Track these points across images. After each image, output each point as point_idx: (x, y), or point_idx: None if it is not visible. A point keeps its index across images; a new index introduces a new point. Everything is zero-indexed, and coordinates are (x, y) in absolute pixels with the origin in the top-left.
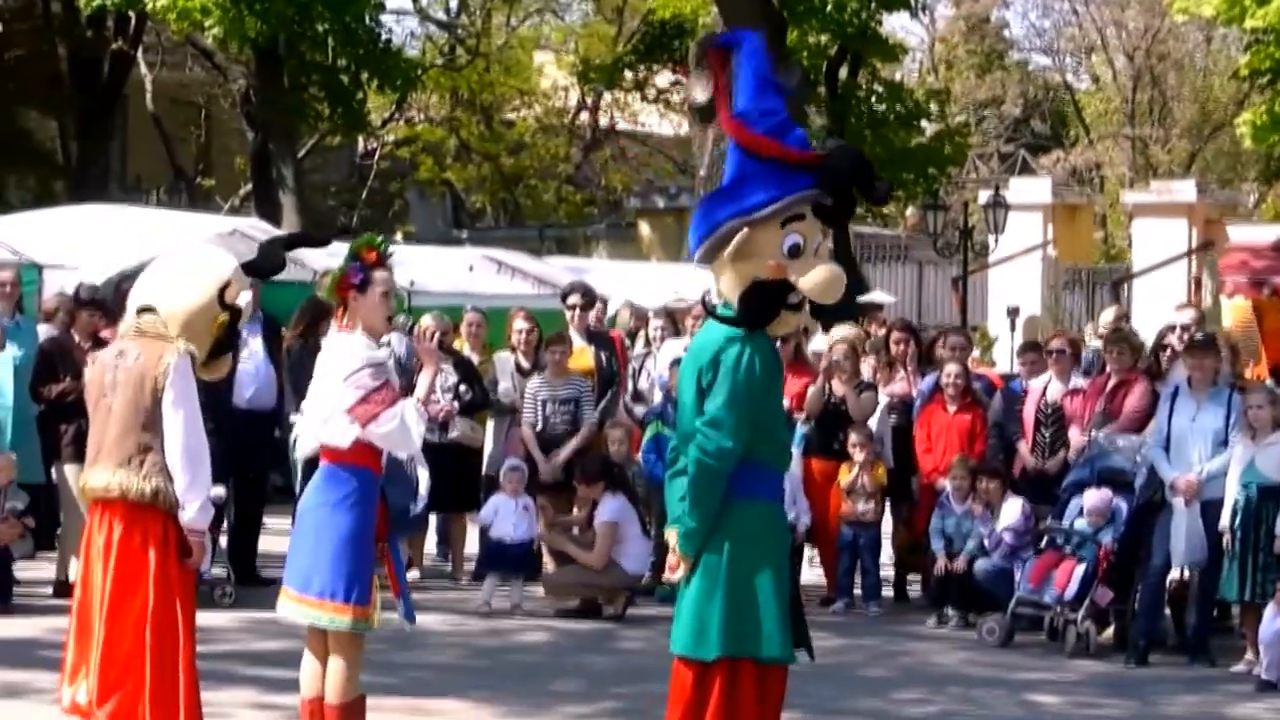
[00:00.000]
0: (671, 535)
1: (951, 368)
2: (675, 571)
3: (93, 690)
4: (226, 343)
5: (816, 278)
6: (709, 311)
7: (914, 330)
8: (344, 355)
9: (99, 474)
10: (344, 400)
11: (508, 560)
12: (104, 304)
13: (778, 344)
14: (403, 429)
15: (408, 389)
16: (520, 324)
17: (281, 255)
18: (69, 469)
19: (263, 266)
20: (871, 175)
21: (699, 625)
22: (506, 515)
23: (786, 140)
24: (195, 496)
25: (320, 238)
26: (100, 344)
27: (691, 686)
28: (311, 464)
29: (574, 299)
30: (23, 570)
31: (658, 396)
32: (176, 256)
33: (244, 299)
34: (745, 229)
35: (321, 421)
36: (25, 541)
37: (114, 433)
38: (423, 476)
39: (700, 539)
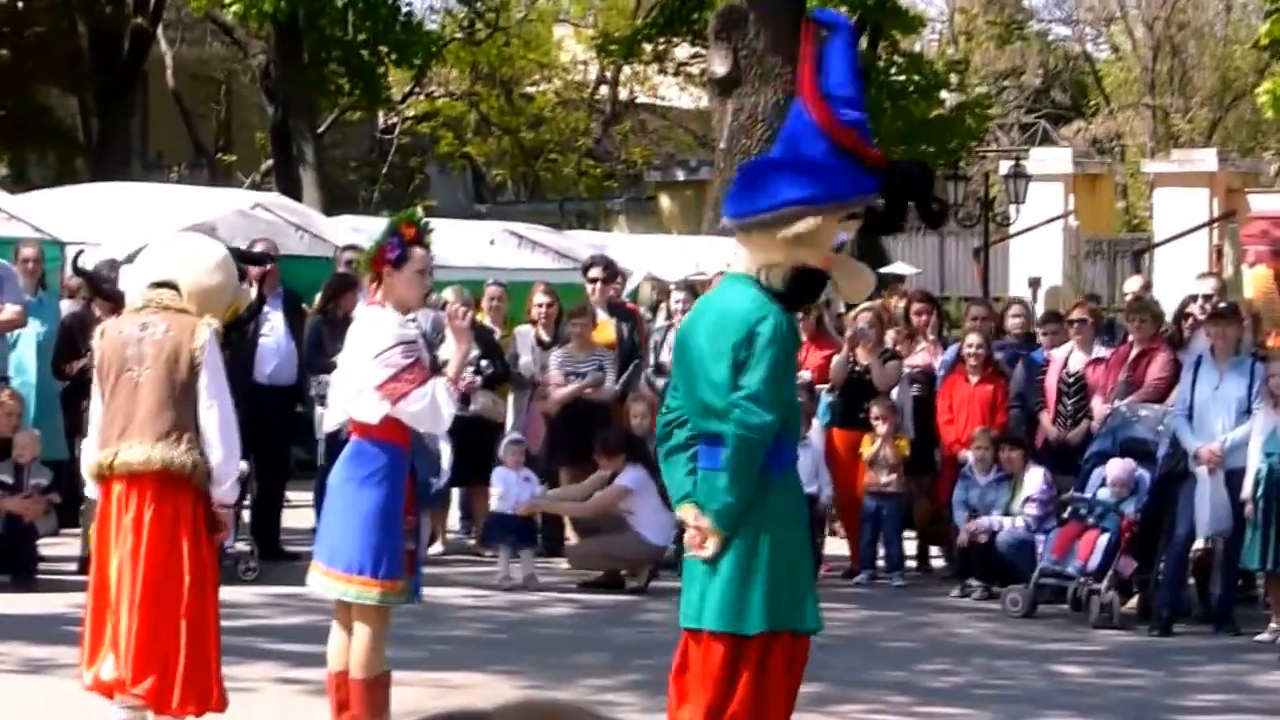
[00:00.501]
0: (689, 513)
1: (972, 338)
2: (702, 548)
3: (125, 669)
4: (232, 328)
5: (858, 284)
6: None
7: (934, 300)
8: (375, 331)
9: (135, 449)
10: (374, 377)
11: (511, 532)
12: (94, 276)
13: (799, 315)
14: (433, 408)
15: (432, 365)
16: (540, 298)
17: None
18: None
19: None
20: (931, 193)
21: (738, 600)
22: (509, 487)
23: (864, 137)
24: (229, 472)
25: (258, 255)
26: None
27: (723, 661)
28: (335, 438)
29: (595, 272)
30: (46, 547)
31: None
32: (186, 238)
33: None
34: (820, 218)
35: (351, 396)
36: (49, 518)
37: (147, 407)
38: (445, 452)
39: (738, 515)
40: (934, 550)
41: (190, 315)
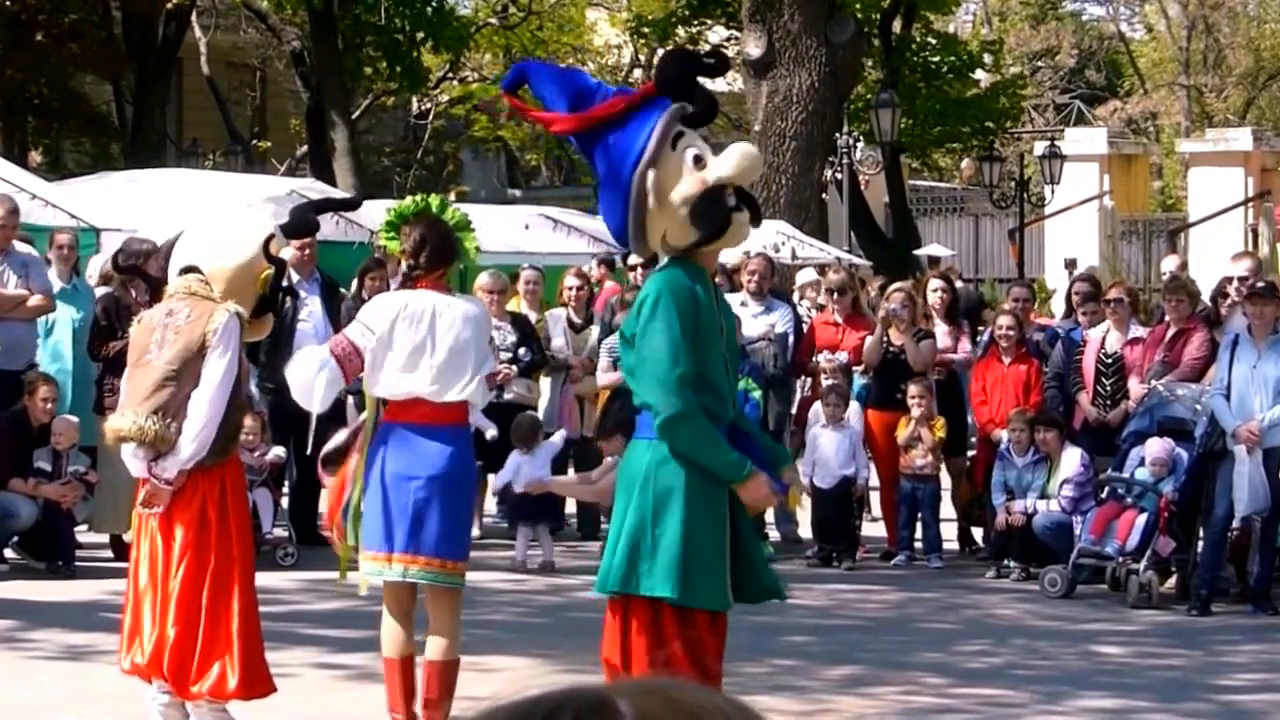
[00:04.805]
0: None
1: (1004, 320)
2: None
3: (143, 653)
4: (270, 301)
5: (733, 158)
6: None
7: (950, 282)
8: (484, 320)
9: (124, 416)
10: (491, 367)
11: (528, 511)
12: (140, 269)
13: (835, 296)
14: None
15: None
16: (571, 280)
17: (312, 218)
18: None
19: (290, 229)
20: (701, 59)
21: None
22: (522, 467)
23: (615, 94)
24: (186, 449)
25: (347, 201)
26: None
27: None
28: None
29: (636, 258)
30: (84, 534)
31: None
32: (216, 218)
33: (286, 254)
34: (650, 172)
35: (475, 386)
36: (88, 503)
37: (149, 382)
38: (488, 429)
39: None
40: (975, 532)
41: (212, 301)
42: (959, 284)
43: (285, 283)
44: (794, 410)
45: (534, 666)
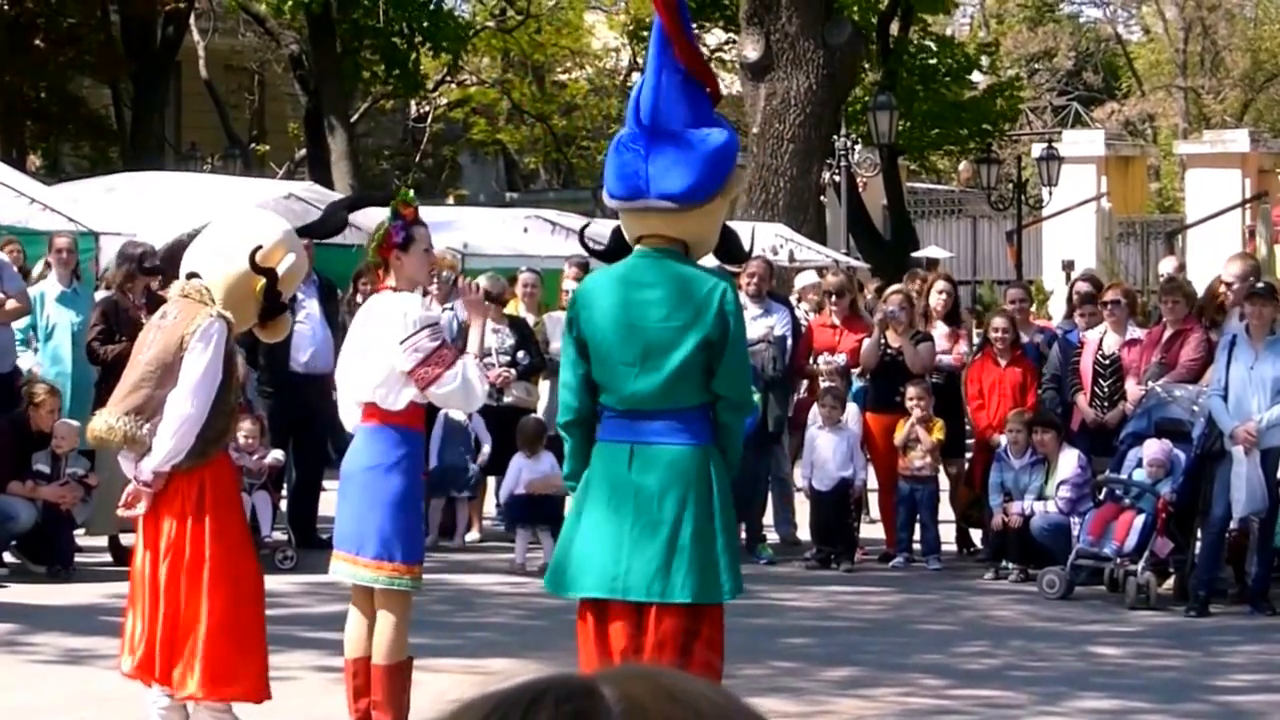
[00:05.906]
0: None
1: (998, 321)
2: None
3: (135, 655)
4: (278, 304)
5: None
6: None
7: (954, 284)
8: (399, 315)
9: (99, 417)
10: (403, 363)
11: (528, 513)
12: (164, 271)
13: (832, 299)
14: (465, 388)
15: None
16: (569, 283)
17: (342, 217)
18: None
19: (322, 228)
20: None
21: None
22: (523, 470)
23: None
24: (161, 450)
25: (382, 197)
26: (157, 303)
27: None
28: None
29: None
30: (83, 536)
31: None
32: (225, 222)
33: (286, 263)
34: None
35: (375, 382)
36: (87, 506)
37: (129, 382)
38: (485, 444)
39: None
40: (975, 534)
41: (202, 304)
42: None
43: (280, 290)
44: (791, 413)
45: (532, 669)
